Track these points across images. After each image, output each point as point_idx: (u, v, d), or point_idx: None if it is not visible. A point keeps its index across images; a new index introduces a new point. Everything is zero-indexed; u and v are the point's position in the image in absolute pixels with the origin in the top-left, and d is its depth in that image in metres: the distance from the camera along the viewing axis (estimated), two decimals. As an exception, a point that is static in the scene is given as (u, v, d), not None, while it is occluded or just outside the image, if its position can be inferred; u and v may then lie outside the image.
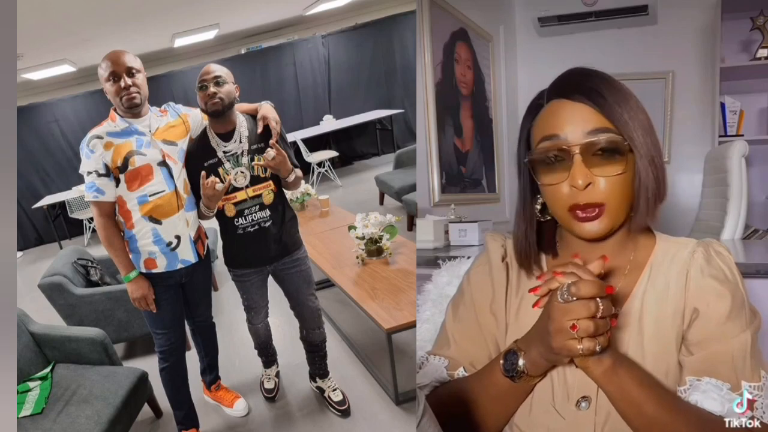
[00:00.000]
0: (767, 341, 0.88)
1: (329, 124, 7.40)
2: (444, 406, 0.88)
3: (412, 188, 4.46)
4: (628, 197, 0.81)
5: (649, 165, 0.80)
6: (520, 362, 0.82)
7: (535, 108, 0.88)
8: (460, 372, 0.95)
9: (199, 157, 1.95)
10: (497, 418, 0.89)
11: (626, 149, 0.79)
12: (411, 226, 4.41)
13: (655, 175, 0.80)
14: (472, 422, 0.89)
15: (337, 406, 2.29)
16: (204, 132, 1.99)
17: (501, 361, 0.85)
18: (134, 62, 1.79)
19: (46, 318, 2.66)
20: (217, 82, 1.86)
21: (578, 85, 0.82)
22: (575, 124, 0.80)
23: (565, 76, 0.85)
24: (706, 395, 0.79)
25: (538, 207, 0.89)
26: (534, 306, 0.79)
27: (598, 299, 0.71)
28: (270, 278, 2.20)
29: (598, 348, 0.72)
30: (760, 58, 3.17)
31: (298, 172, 2.01)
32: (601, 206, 0.79)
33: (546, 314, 0.76)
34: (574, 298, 0.72)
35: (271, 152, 1.86)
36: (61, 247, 6.29)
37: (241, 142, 1.96)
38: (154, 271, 1.92)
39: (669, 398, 0.80)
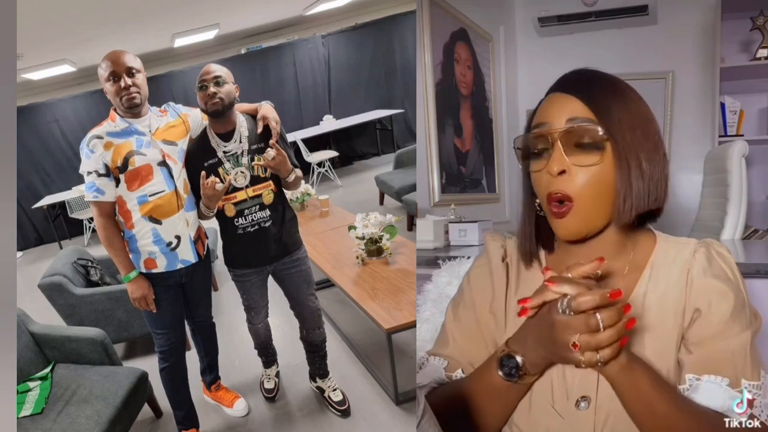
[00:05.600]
0: (767, 342, 0.88)
1: (329, 124, 7.40)
2: (443, 406, 0.88)
3: (412, 188, 4.46)
4: (603, 195, 0.80)
5: (634, 164, 0.79)
6: (519, 364, 0.81)
7: (540, 104, 0.90)
8: (459, 373, 0.95)
9: (199, 157, 1.95)
10: (496, 418, 0.89)
11: (603, 141, 0.79)
12: (411, 226, 4.41)
13: (642, 176, 0.79)
14: (471, 422, 0.89)
15: (337, 406, 2.29)
16: (204, 132, 1.99)
17: (497, 366, 0.83)
18: (134, 62, 1.79)
19: (46, 318, 2.66)
20: (217, 82, 1.86)
21: (574, 80, 0.85)
22: (560, 112, 0.82)
23: (567, 74, 0.87)
24: (707, 393, 0.79)
25: (538, 200, 0.90)
26: (520, 314, 0.76)
27: (598, 315, 0.68)
28: (270, 278, 2.20)
29: (600, 361, 0.70)
30: (760, 58, 3.17)
31: (298, 172, 2.01)
32: (569, 201, 0.80)
33: (547, 322, 0.73)
34: (572, 313, 0.69)
35: (271, 152, 1.87)
36: (61, 247, 6.29)
37: (241, 142, 1.96)
38: (154, 271, 1.92)
39: (679, 398, 0.80)
